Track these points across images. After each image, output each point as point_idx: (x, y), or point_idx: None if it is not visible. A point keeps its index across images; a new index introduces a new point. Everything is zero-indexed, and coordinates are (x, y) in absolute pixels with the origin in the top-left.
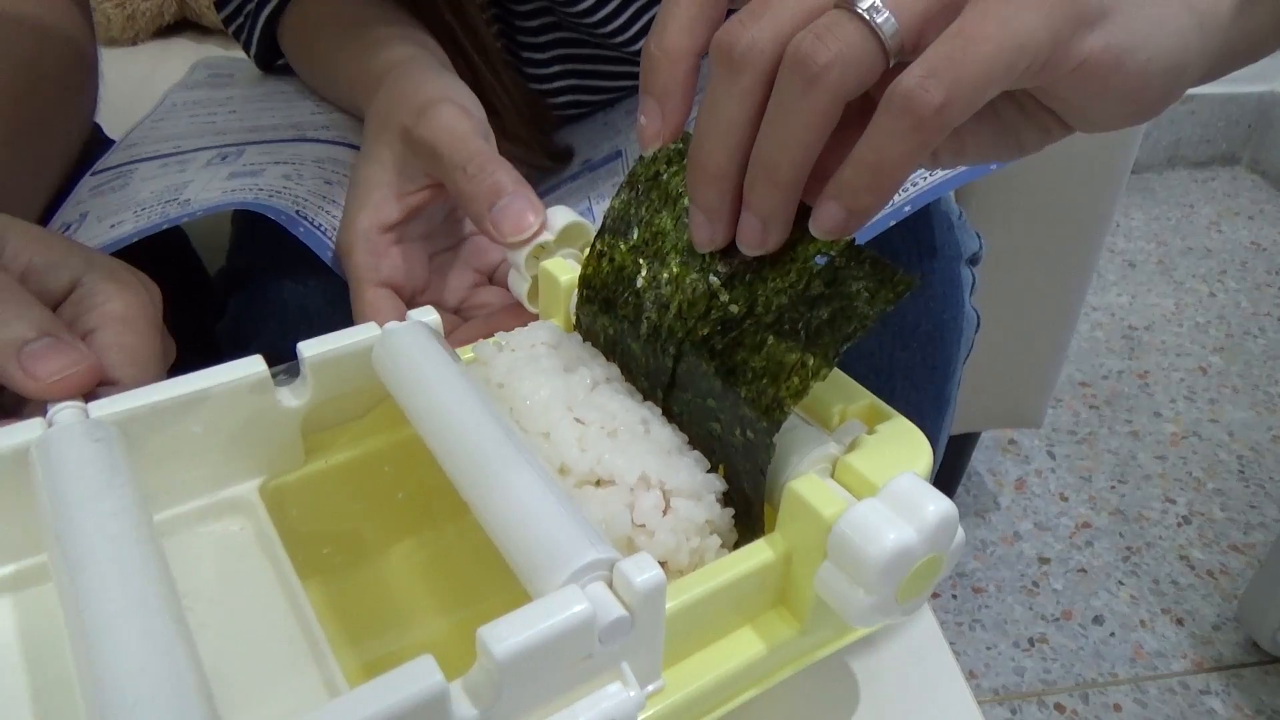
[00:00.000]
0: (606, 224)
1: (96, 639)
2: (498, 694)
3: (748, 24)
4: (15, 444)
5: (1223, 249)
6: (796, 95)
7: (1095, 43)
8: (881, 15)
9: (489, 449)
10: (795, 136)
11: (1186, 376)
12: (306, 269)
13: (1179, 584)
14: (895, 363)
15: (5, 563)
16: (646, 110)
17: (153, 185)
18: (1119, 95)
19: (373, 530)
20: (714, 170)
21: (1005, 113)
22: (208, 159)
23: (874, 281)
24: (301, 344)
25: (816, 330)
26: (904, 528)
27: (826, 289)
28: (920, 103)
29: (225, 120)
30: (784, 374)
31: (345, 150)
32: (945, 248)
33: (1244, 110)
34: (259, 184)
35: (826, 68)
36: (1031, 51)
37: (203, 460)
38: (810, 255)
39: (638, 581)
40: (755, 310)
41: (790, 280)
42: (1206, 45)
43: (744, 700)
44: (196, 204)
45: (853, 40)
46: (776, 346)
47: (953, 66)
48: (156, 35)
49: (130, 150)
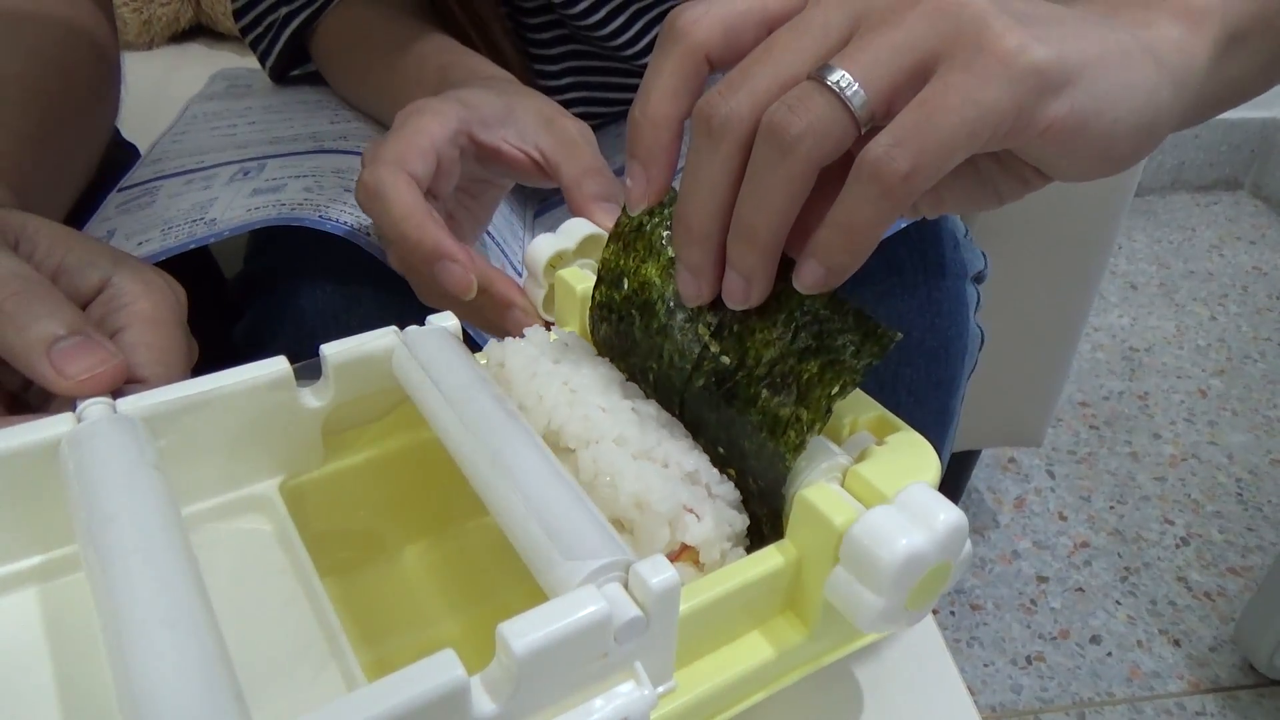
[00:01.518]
0: (601, 275)
1: (129, 629)
2: (515, 689)
3: (726, 95)
4: (45, 438)
5: (1224, 273)
6: (771, 163)
7: (1060, 108)
8: (851, 88)
9: (507, 450)
10: (771, 201)
11: (1186, 399)
12: (324, 274)
13: (1176, 605)
14: (900, 377)
15: (34, 554)
16: (632, 174)
17: (179, 203)
18: (1088, 155)
19: (390, 530)
20: (699, 231)
21: (983, 166)
22: (230, 175)
23: (859, 335)
24: (325, 346)
25: (808, 384)
26: (917, 534)
27: (814, 341)
28: (887, 171)
29: (245, 132)
30: (780, 428)
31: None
32: (951, 265)
33: (1247, 136)
34: (281, 199)
35: (799, 138)
36: (994, 121)
37: (225, 457)
38: (794, 308)
39: (653, 583)
40: (746, 362)
41: (777, 332)
42: (1180, 100)
43: (753, 703)
44: (223, 224)
45: (823, 112)
46: (770, 400)
47: (918, 136)
48: (171, 40)
49: (155, 166)
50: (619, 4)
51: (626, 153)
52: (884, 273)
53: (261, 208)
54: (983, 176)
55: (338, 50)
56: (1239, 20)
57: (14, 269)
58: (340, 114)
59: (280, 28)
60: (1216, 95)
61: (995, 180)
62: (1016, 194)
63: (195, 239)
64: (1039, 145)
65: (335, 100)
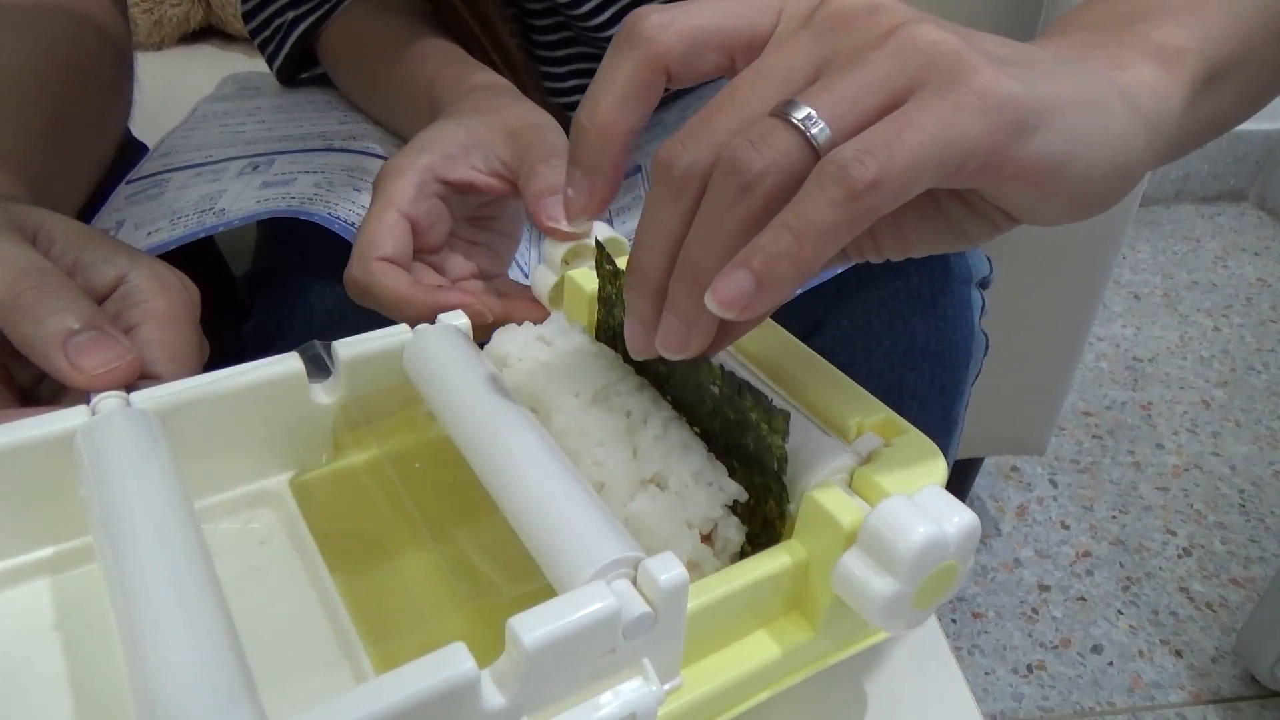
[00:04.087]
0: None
1: (144, 618)
2: (525, 683)
3: (688, 144)
4: (59, 430)
5: (1228, 284)
6: (728, 201)
7: (1033, 151)
8: (816, 126)
9: (518, 447)
10: (723, 240)
11: (1190, 409)
12: (334, 272)
13: (1178, 615)
14: (904, 382)
15: (46, 545)
16: (573, 183)
17: (188, 194)
18: (1062, 199)
19: (398, 526)
20: (653, 283)
21: (949, 207)
22: (239, 169)
23: (761, 411)
24: (336, 343)
25: (754, 457)
26: (935, 525)
27: (737, 416)
28: (853, 174)
29: (255, 130)
30: (759, 496)
31: (373, 160)
32: (957, 270)
33: (1252, 147)
34: (291, 192)
35: (760, 176)
36: (966, 150)
37: (236, 453)
38: (705, 381)
39: (662, 579)
40: (709, 435)
41: (706, 406)
42: (1154, 143)
43: (758, 702)
44: (232, 213)
45: (788, 149)
46: (743, 470)
47: (888, 147)
48: (182, 41)
49: (164, 159)
50: (625, 5)
51: (569, 159)
52: (889, 277)
53: (271, 199)
54: (950, 219)
55: (344, 57)
56: (1218, 57)
57: (33, 262)
58: (350, 115)
59: (288, 31)
60: (1194, 133)
61: (963, 223)
62: (985, 236)
63: (204, 228)
64: (1010, 187)
65: (344, 102)
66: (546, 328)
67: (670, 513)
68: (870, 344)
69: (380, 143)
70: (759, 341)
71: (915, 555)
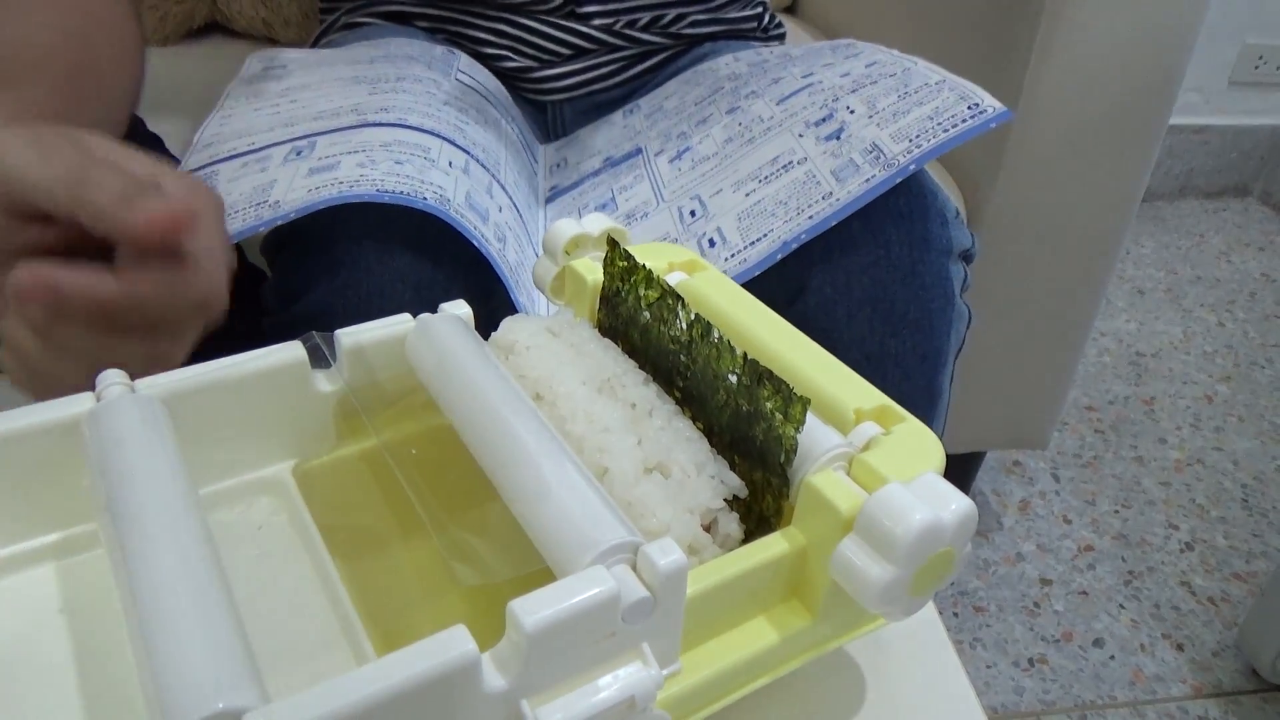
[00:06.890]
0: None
1: (150, 602)
2: (525, 665)
3: None
4: (65, 416)
5: (1232, 279)
6: None
7: None
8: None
9: (519, 435)
10: None
11: (1192, 404)
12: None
13: (1180, 609)
14: (886, 349)
15: (51, 530)
16: None
17: (239, 187)
18: None
19: (400, 513)
20: None
21: None
22: (284, 155)
23: (780, 399)
24: (339, 331)
25: (761, 451)
26: (932, 511)
27: (750, 406)
28: None
29: (290, 110)
30: (758, 492)
31: (407, 131)
32: (937, 240)
33: (1256, 142)
34: (338, 177)
35: None
36: None
37: (239, 440)
38: (725, 369)
39: (661, 564)
40: (714, 430)
41: (719, 396)
42: None
43: (756, 687)
44: (287, 205)
45: None
46: (743, 466)
47: None
48: (186, 37)
49: (208, 150)
50: None
51: None
52: (871, 245)
53: (321, 187)
54: None
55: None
56: None
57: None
58: (378, 86)
59: None
60: None
61: None
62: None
63: (263, 221)
64: None
65: (370, 74)
66: (554, 320)
67: (673, 498)
68: (852, 309)
69: (411, 112)
70: (757, 331)
71: (912, 541)
